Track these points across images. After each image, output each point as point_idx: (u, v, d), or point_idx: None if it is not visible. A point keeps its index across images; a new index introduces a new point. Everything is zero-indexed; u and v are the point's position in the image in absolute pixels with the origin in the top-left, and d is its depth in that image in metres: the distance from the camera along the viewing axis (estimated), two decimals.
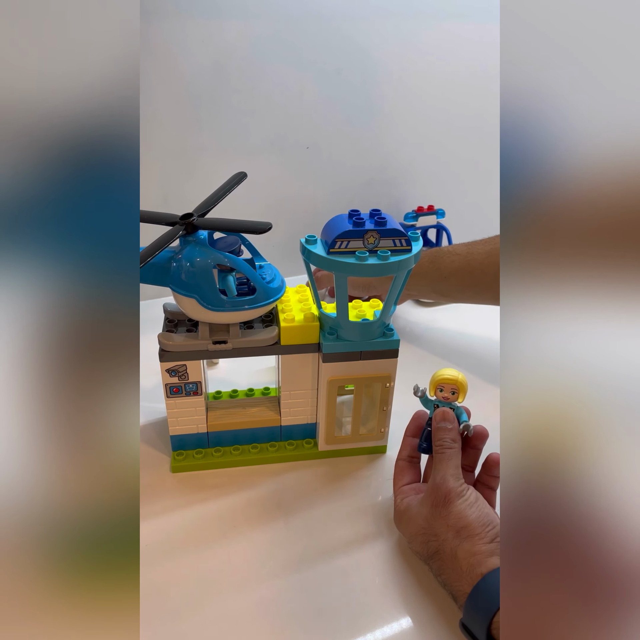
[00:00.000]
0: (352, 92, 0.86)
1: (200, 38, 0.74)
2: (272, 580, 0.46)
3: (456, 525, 0.41)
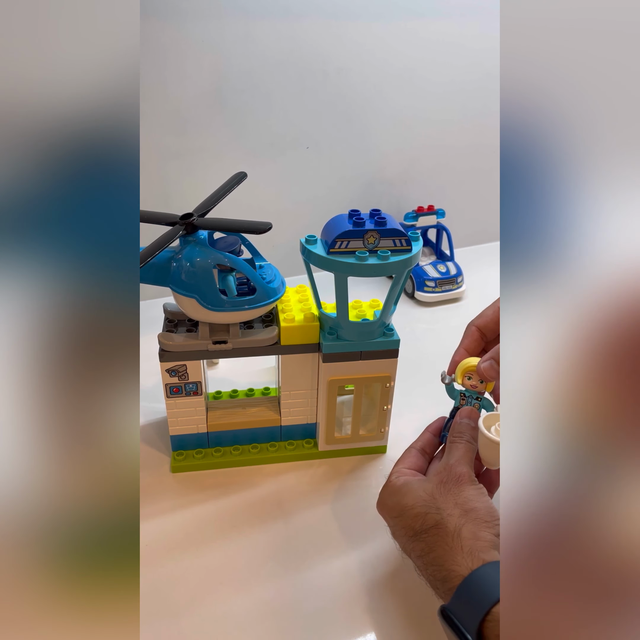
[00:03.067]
0: (352, 92, 0.86)
1: (200, 38, 0.74)
2: (272, 580, 0.46)
3: (465, 505, 0.39)
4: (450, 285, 0.87)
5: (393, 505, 0.43)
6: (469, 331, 0.50)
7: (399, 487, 0.43)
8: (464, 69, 0.91)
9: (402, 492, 0.43)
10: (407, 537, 0.41)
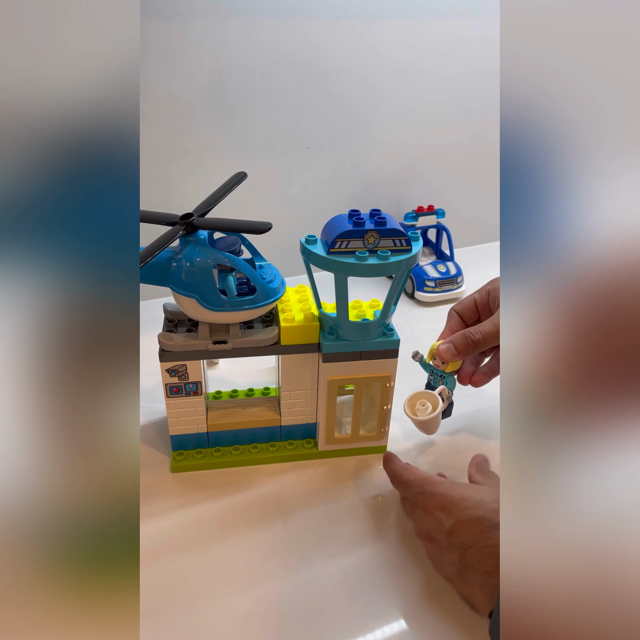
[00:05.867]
0: (352, 92, 0.86)
1: (201, 38, 0.74)
2: (272, 580, 0.46)
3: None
4: (450, 285, 0.87)
5: (460, 497, 0.43)
6: (451, 315, 0.57)
7: (452, 482, 0.45)
8: (463, 68, 0.91)
9: (460, 485, 0.44)
10: (483, 527, 0.40)
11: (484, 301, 0.56)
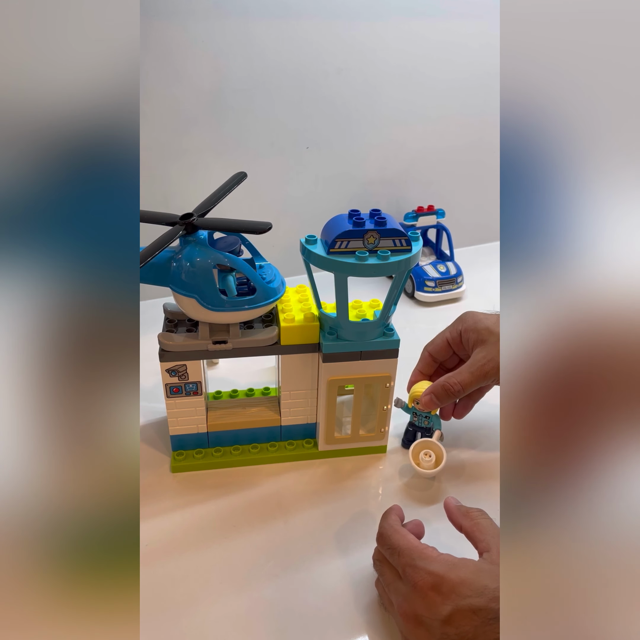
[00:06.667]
0: (352, 92, 0.86)
1: (201, 38, 0.74)
2: (272, 580, 0.46)
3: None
4: (450, 285, 0.87)
5: (460, 581, 0.36)
6: (423, 356, 0.59)
7: (449, 558, 0.38)
8: (463, 68, 0.91)
9: (459, 565, 0.37)
10: (485, 619, 0.35)
11: (457, 342, 0.57)
